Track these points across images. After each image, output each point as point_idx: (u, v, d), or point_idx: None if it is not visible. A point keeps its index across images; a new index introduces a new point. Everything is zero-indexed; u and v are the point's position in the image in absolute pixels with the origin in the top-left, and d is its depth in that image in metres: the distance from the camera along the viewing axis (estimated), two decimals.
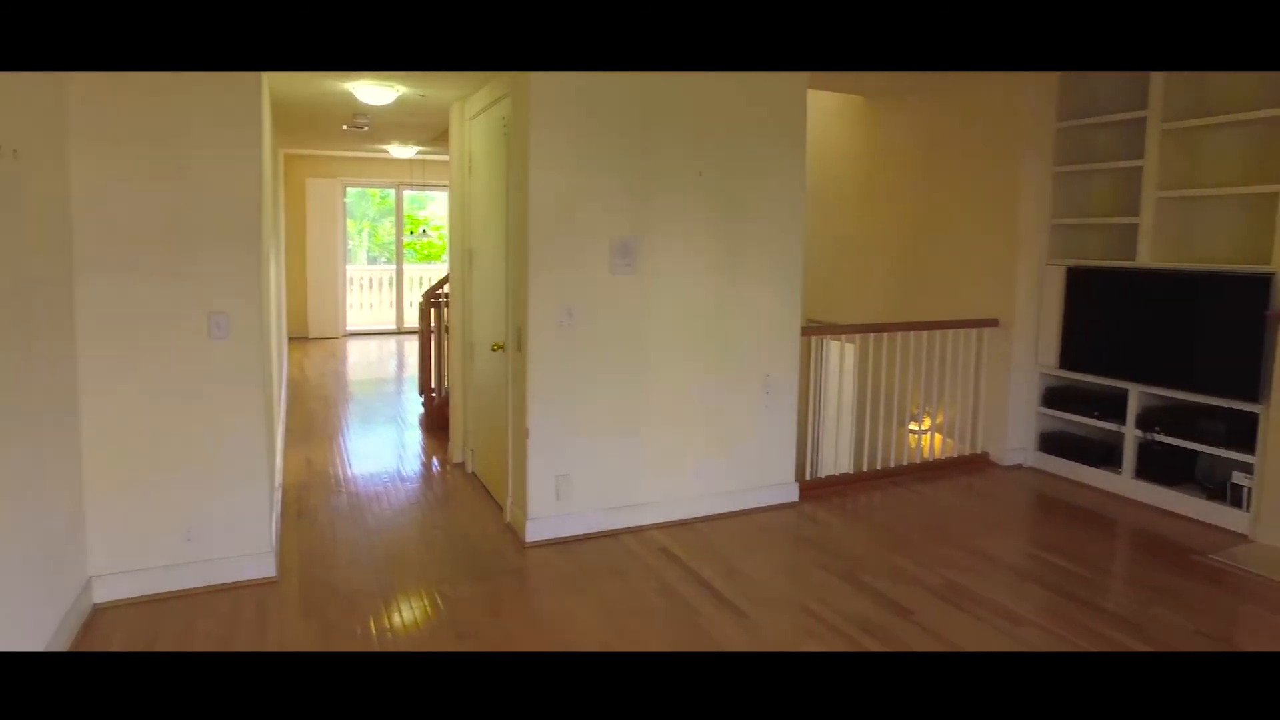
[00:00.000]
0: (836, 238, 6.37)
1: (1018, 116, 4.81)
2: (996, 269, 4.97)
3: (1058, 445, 4.83)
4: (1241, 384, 3.86)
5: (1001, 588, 3.25)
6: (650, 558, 3.50)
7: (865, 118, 6.10)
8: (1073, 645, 2.80)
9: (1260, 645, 2.89)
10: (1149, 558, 3.65)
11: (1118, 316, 4.45)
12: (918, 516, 4.09)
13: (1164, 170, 4.35)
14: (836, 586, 3.24)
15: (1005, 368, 4.91)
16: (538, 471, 3.64)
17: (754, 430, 4.10)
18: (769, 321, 4.10)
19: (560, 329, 3.61)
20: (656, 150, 3.72)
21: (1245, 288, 3.85)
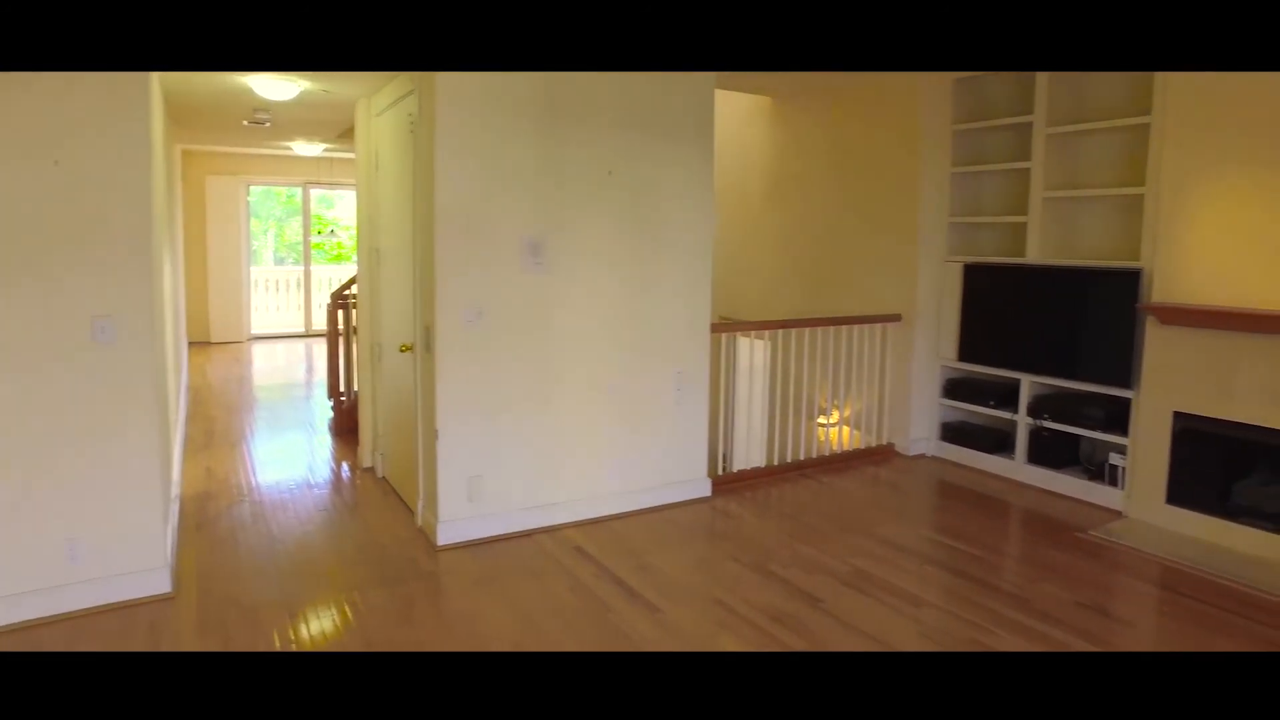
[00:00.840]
0: (747, 236, 6.50)
1: (917, 119, 5.01)
2: (899, 265, 5.16)
3: (957, 434, 5.05)
4: (1116, 372, 4.12)
5: (904, 572, 3.39)
6: (564, 556, 3.50)
7: (773, 118, 6.24)
8: (968, 623, 2.94)
9: (1130, 612, 3.09)
10: (1037, 537, 3.86)
11: (1010, 310, 4.68)
12: (826, 507, 4.22)
13: (1049, 172, 4.60)
14: (747, 578, 3.31)
15: (908, 361, 5.11)
16: (449, 473, 3.59)
17: (667, 427, 4.15)
18: (679, 318, 4.15)
19: (470, 328, 3.57)
20: (567, 148, 3.73)
21: (1119, 282, 4.12)
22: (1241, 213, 3.65)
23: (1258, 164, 3.59)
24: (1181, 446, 3.88)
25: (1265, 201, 3.57)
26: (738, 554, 3.56)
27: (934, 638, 2.84)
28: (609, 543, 3.66)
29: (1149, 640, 2.89)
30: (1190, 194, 3.83)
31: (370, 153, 4.66)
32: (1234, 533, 3.69)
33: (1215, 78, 3.73)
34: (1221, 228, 3.72)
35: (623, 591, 3.18)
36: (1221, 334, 3.70)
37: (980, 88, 5.05)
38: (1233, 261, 3.68)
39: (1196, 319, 3.75)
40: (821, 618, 2.98)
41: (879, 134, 5.29)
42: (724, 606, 3.07)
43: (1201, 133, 3.79)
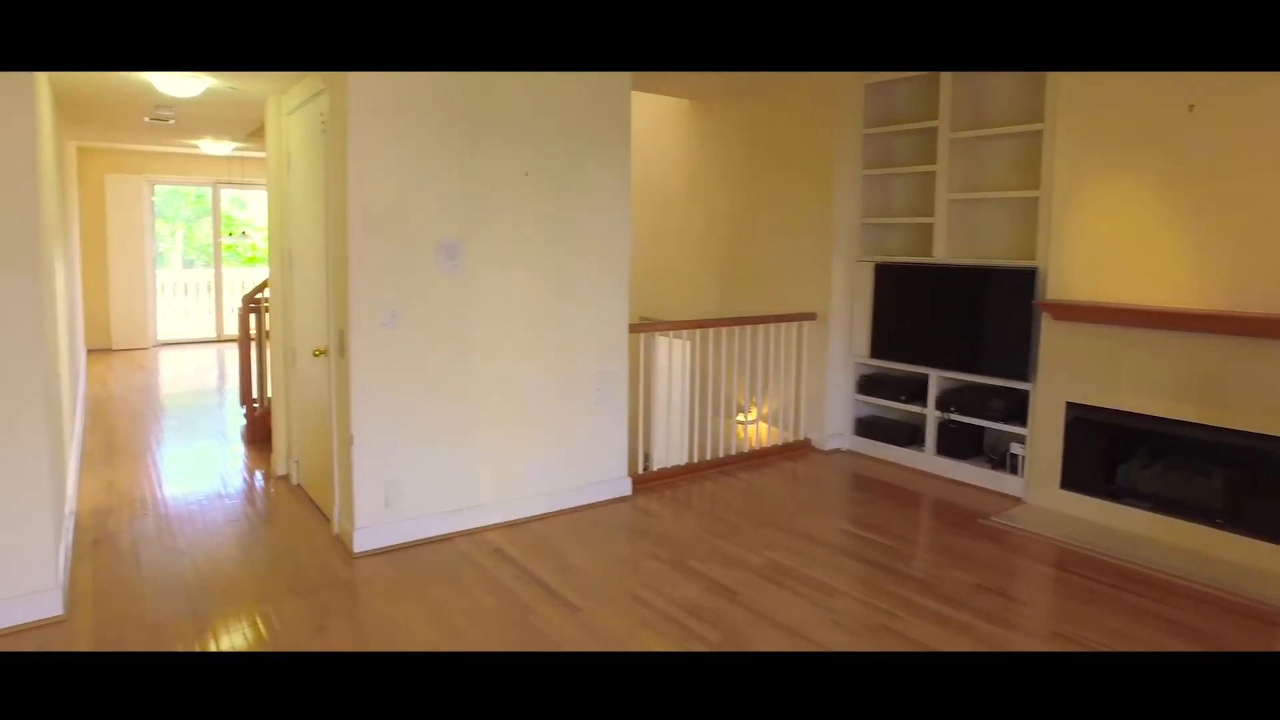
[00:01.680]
0: (668, 237, 6.57)
1: (830, 123, 5.16)
2: (814, 265, 5.30)
3: (871, 429, 5.22)
4: (1016, 366, 4.33)
5: (819, 564, 3.49)
6: (484, 559, 3.49)
7: (692, 121, 6.32)
8: (879, 610, 3.05)
9: (1026, 592, 3.26)
10: (944, 525, 4.02)
11: (919, 308, 4.86)
12: (744, 503, 4.30)
13: (953, 175, 4.79)
14: (666, 575, 3.36)
15: (823, 358, 5.26)
16: (365, 478, 3.53)
17: (587, 427, 4.17)
18: (598, 319, 4.17)
19: (384, 331, 3.52)
20: (483, 149, 3.71)
21: (1017, 281, 4.33)
22: (1122, 215, 3.89)
23: (1133, 170, 3.83)
24: (1073, 434, 4.11)
25: (1141, 205, 3.80)
26: (657, 551, 3.61)
27: (846, 625, 2.94)
28: (530, 544, 3.66)
29: (1043, 617, 3.05)
30: (1078, 197, 4.05)
31: (281, 152, 4.54)
32: (1119, 513, 3.93)
33: (1096, 90, 3.96)
34: (1105, 229, 3.95)
35: (543, 592, 3.18)
36: (1107, 328, 3.93)
37: (889, 94, 5.23)
38: (1116, 260, 3.92)
39: (1084, 315, 3.98)
40: (738, 610, 3.04)
41: (794, 137, 5.42)
42: (643, 603, 3.11)
43: (1086, 141, 4.02)
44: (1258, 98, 3.45)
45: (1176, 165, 3.70)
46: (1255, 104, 3.46)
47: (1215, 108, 3.58)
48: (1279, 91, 3.40)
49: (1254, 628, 2.99)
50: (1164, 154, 3.75)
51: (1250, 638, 2.92)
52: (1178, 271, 3.71)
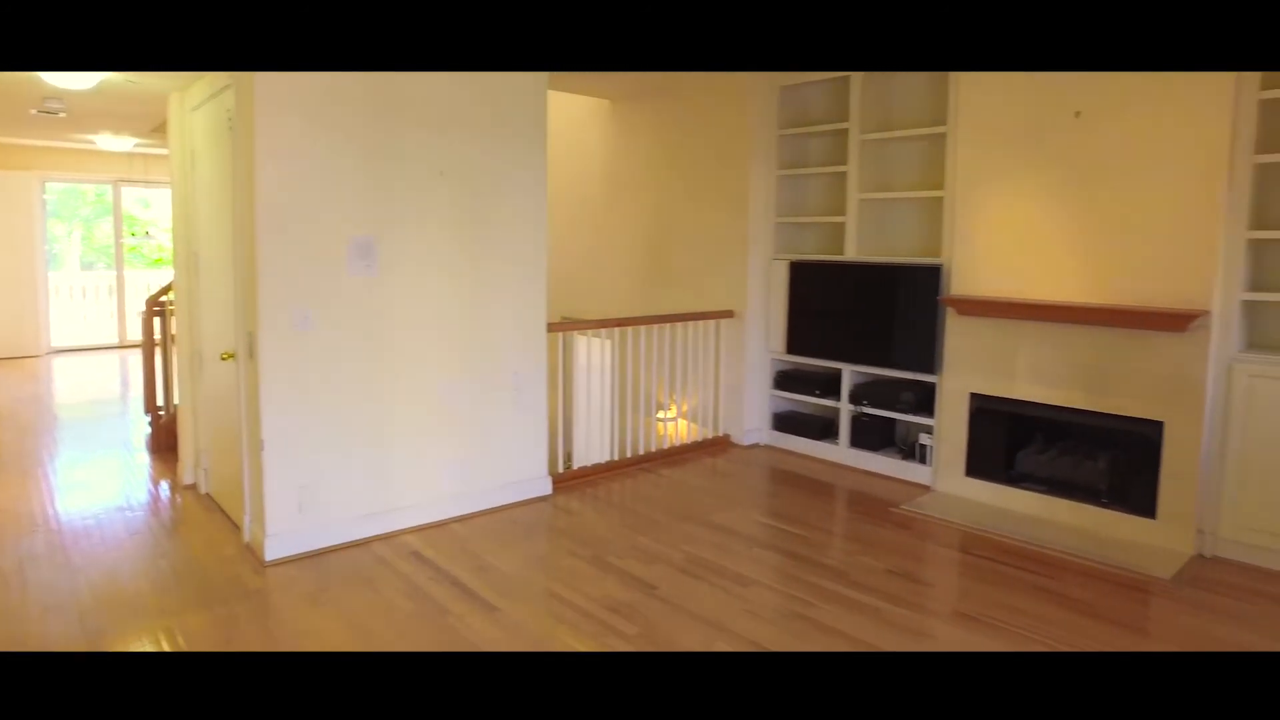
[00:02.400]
0: (589, 236, 6.59)
1: (746, 124, 5.26)
2: (731, 264, 5.40)
3: (788, 423, 5.35)
4: (924, 360, 4.51)
5: (736, 556, 3.56)
6: (401, 563, 3.44)
7: (611, 121, 6.35)
8: (792, 598, 3.14)
9: (932, 575, 3.40)
10: (857, 514, 4.16)
11: (832, 305, 5.01)
12: (664, 499, 4.35)
13: (863, 175, 4.95)
14: (585, 571, 3.38)
15: (741, 355, 5.36)
16: (276, 484, 3.44)
17: (505, 427, 4.15)
18: (515, 319, 4.16)
19: (296, 334, 3.43)
20: (397, 148, 3.65)
21: (923, 277, 4.50)
22: (1017, 214, 4.09)
23: (1026, 172, 4.04)
24: (976, 424, 4.30)
25: (1034, 205, 4.01)
26: (576, 549, 3.62)
27: (761, 615, 3.01)
28: (448, 546, 3.63)
29: (947, 597, 3.19)
30: (977, 197, 4.25)
31: (185, 150, 4.37)
32: (1017, 497, 4.13)
33: (991, 96, 4.16)
34: (1002, 227, 4.15)
35: (461, 593, 3.16)
36: (1005, 322, 4.13)
37: (802, 96, 5.37)
38: (1012, 257, 4.12)
39: (985, 309, 4.17)
40: (656, 604, 3.08)
41: (711, 138, 5.51)
42: (562, 601, 3.12)
43: (983, 144, 4.21)
44: (1137, 105, 3.68)
45: (1065, 168, 3.92)
46: (1134, 111, 3.69)
47: (1099, 114, 3.80)
48: (1155, 99, 3.63)
49: (1134, 597, 3.20)
50: (1053, 157, 3.96)
51: (1130, 607, 3.11)
52: (1068, 267, 3.93)
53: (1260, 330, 3.70)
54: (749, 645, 2.78)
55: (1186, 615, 3.07)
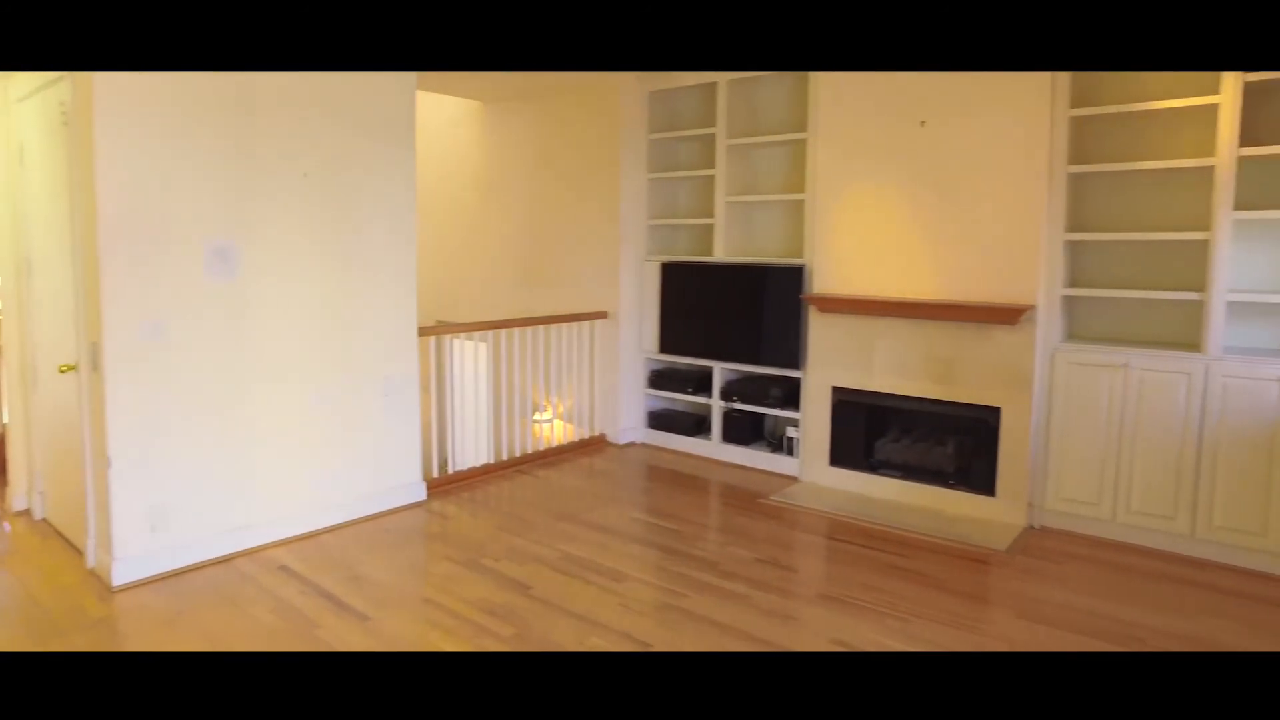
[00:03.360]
0: (464, 239, 6.52)
1: (617, 128, 5.34)
2: (604, 265, 5.47)
3: (662, 421, 5.47)
4: (790, 356, 4.72)
5: (610, 552, 3.62)
6: (266, 578, 3.31)
7: (484, 123, 6.31)
8: (665, 590, 3.23)
9: (797, 561, 3.58)
10: (728, 507, 4.31)
11: (703, 305, 5.16)
12: (540, 500, 4.38)
13: (730, 179, 5.13)
14: (460, 575, 3.36)
15: (615, 355, 5.44)
16: (125, 503, 3.24)
17: (376, 434, 4.06)
18: (385, 323, 4.08)
19: (146, 343, 3.24)
20: (257, 147, 3.51)
21: (788, 277, 4.71)
22: (871, 216, 4.36)
23: (878, 177, 4.31)
24: (838, 416, 4.55)
25: (886, 207, 4.29)
26: (451, 553, 3.59)
27: (634, 608, 3.09)
28: (317, 557, 3.52)
29: (811, 581, 3.36)
30: (835, 200, 4.49)
31: (12, 144, 4.03)
32: (876, 483, 4.40)
33: (846, 103, 4.41)
34: (858, 229, 4.41)
35: (331, 605, 3.08)
36: (861, 318, 4.39)
37: (672, 101, 5.51)
38: (868, 257, 4.38)
39: (843, 306, 4.41)
40: (531, 604, 3.10)
41: (584, 141, 5.56)
42: (436, 605, 3.09)
43: (839, 150, 4.46)
44: (972, 117, 4.00)
45: (912, 173, 4.21)
46: (970, 123, 4.01)
47: (941, 125, 4.10)
48: (986, 112, 3.96)
49: (975, 569, 3.48)
50: (902, 163, 4.24)
51: (972, 577, 3.38)
52: (916, 266, 4.22)
53: (1077, 322, 4.10)
54: (623, 638, 2.85)
55: (1016, 581, 3.36)
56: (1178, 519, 3.62)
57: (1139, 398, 3.69)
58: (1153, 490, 3.67)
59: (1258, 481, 3.43)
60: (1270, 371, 3.39)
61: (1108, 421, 3.77)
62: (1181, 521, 3.61)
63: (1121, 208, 3.96)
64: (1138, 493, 3.71)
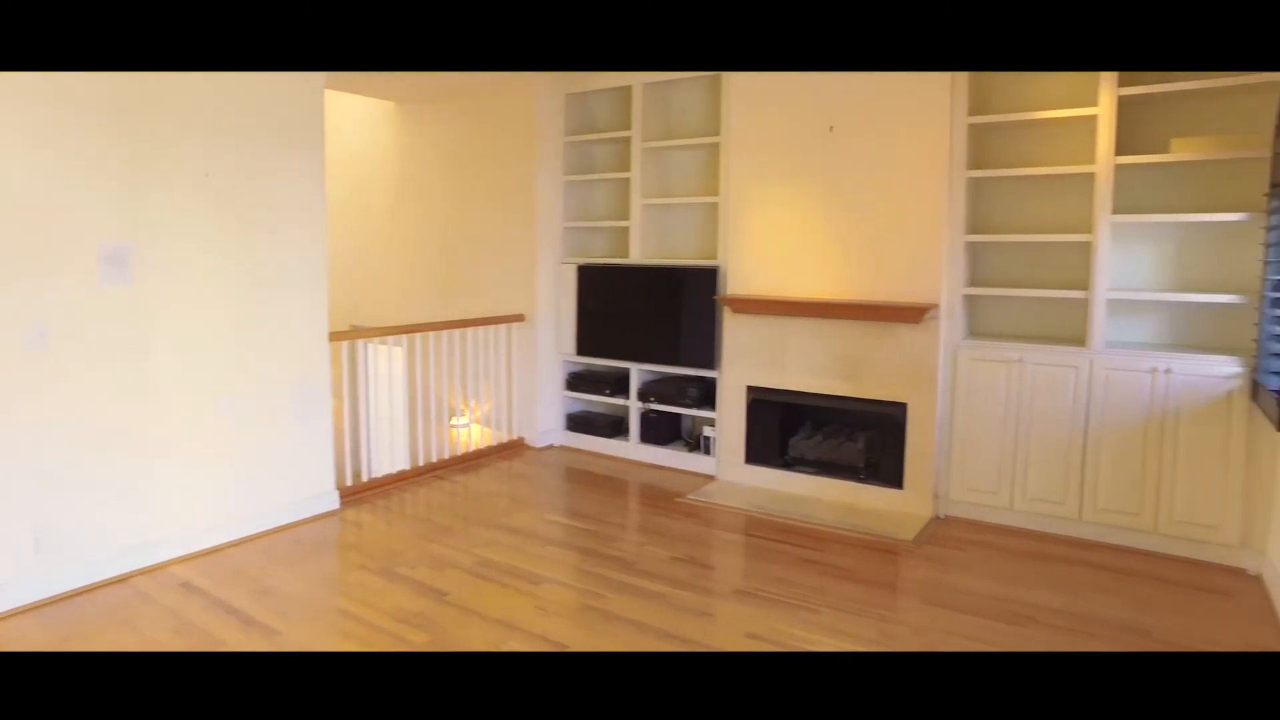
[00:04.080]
0: (378, 242, 6.38)
1: (533, 130, 5.32)
2: (520, 268, 5.44)
3: (580, 423, 5.48)
4: (705, 356, 4.80)
5: (528, 555, 3.61)
6: (167, 597, 3.17)
7: (398, 124, 6.19)
8: (582, 591, 3.24)
9: (713, 558, 3.63)
10: (645, 507, 4.35)
11: (619, 307, 5.19)
12: (458, 505, 4.32)
13: (646, 182, 5.18)
14: (374, 584, 3.29)
15: (533, 358, 5.42)
16: (5, 525, 3.04)
17: (286, 442, 3.94)
18: (295, 328, 3.96)
19: (29, 351, 3.06)
20: (155, 146, 3.36)
21: (703, 278, 4.79)
22: (782, 218, 4.47)
23: (788, 180, 4.43)
24: (753, 415, 4.64)
25: (796, 210, 4.41)
26: (365, 562, 3.52)
27: (551, 610, 3.08)
28: (223, 572, 3.39)
29: (727, 577, 3.42)
30: (748, 203, 4.58)
31: None
32: (791, 479, 4.51)
33: (757, 109, 4.51)
34: (769, 230, 4.52)
35: (237, 621, 2.97)
36: (774, 318, 4.49)
37: (588, 104, 5.53)
38: (779, 258, 4.49)
39: (755, 307, 4.51)
40: (447, 610, 3.06)
41: (499, 143, 5.52)
42: (349, 616, 3.02)
43: (751, 154, 4.55)
44: (878, 123, 4.15)
45: (821, 177, 4.33)
46: (876, 128, 4.15)
47: (849, 130, 4.24)
48: (892, 118, 4.11)
49: (884, 559, 3.60)
50: (812, 167, 4.36)
51: (881, 567, 3.50)
52: (826, 267, 4.34)
53: (978, 320, 4.29)
54: (539, 641, 2.84)
55: (922, 569, 3.50)
56: (1067, 504, 3.83)
57: (1033, 391, 3.89)
58: (1046, 478, 3.87)
59: (1135, 466, 3.66)
60: (1145, 364, 3.63)
61: (1005, 414, 3.96)
62: (1071, 506, 3.82)
63: (1016, 211, 4.17)
64: (1033, 480, 3.91)
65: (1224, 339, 3.69)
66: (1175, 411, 3.57)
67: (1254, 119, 3.54)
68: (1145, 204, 3.82)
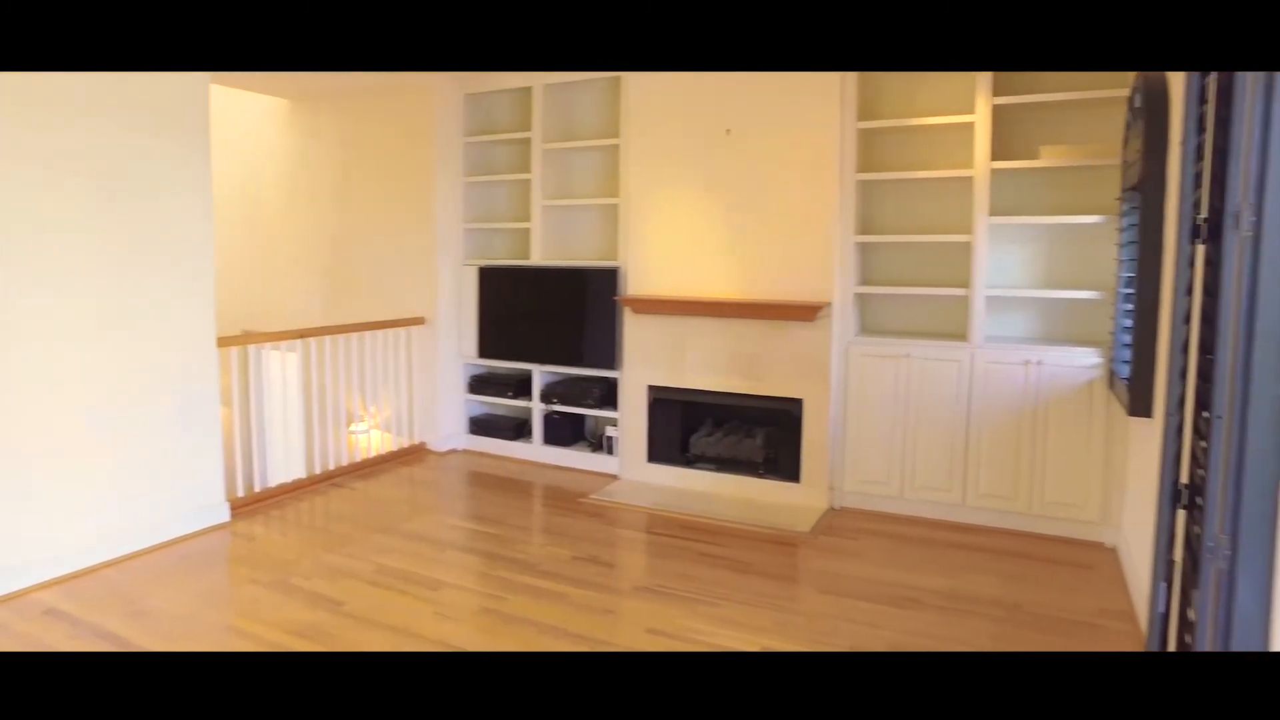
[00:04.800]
0: (272, 243, 6.15)
1: (433, 130, 5.24)
2: (420, 270, 5.35)
3: (483, 426, 5.42)
4: (607, 357, 4.83)
5: (427, 561, 3.55)
6: (28, 625, 2.97)
7: (292, 122, 5.98)
8: (483, 595, 3.21)
9: (615, 556, 3.67)
10: (548, 508, 4.35)
11: (521, 308, 5.17)
12: (356, 512, 4.22)
13: (546, 183, 5.17)
14: (266, 597, 3.18)
15: (434, 361, 5.34)
16: None
17: (170, 454, 3.76)
18: (179, 334, 3.78)
19: None
20: (23, 141, 3.14)
21: (603, 279, 4.82)
22: (680, 219, 4.54)
23: (686, 182, 4.51)
24: (655, 414, 4.70)
25: (694, 211, 4.49)
26: (256, 575, 3.39)
27: (451, 615, 3.05)
28: (96, 595, 3.20)
29: (628, 574, 3.46)
30: (647, 204, 4.64)
31: None
32: (692, 477, 4.59)
33: (655, 111, 4.57)
34: (669, 231, 4.58)
35: (110, 646, 2.81)
36: (674, 318, 4.56)
37: (488, 104, 5.48)
38: (678, 259, 4.56)
39: (654, 307, 4.57)
40: (342, 620, 2.99)
41: (398, 143, 5.41)
42: (238, 633, 2.91)
43: (651, 155, 4.61)
44: (772, 126, 4.27)
45: (719, 178, 4.42)
46: (770, 131, 4.27)
47: (745, 133, 4.34)
48: (785, 121, 4.24)
49: (782, 551, 3.71)
50: (710, 169, 4.45)
51: (779, 559, 3.61)
52: (724, 267, 4.44)
53: (869, 317, 4.47)
54: (437, 647, 2.80)
55: (818, 559, 3.63)
56: (952, 491, 4.03)
57: (920, 385, 4.08)
58: (932, 467, 4.07)
59: (1010, 452, 3.89)
60: (1019, 357, 3.85)
61: (895, 407, 4.13)
62: (955, 493, 4.03)
63: (904, 212, 4.36)
64: (920, 470, 4.10)
65: (1087, 332, 3.96)
66: (1045, 400, 3.81)
67: (1114, 129, 3.81)
68: (1018, 207, 4.06)
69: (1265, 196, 1.49)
